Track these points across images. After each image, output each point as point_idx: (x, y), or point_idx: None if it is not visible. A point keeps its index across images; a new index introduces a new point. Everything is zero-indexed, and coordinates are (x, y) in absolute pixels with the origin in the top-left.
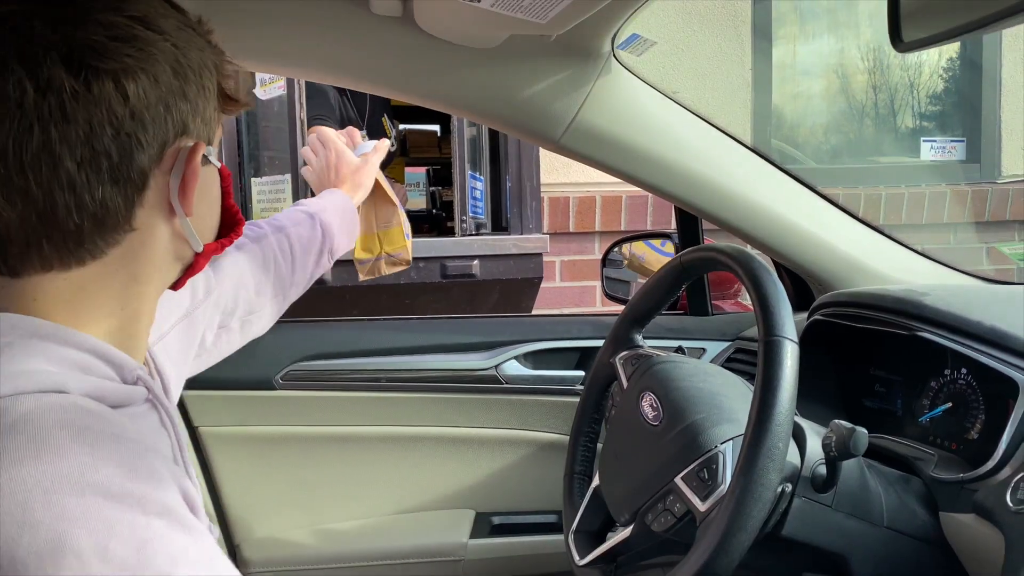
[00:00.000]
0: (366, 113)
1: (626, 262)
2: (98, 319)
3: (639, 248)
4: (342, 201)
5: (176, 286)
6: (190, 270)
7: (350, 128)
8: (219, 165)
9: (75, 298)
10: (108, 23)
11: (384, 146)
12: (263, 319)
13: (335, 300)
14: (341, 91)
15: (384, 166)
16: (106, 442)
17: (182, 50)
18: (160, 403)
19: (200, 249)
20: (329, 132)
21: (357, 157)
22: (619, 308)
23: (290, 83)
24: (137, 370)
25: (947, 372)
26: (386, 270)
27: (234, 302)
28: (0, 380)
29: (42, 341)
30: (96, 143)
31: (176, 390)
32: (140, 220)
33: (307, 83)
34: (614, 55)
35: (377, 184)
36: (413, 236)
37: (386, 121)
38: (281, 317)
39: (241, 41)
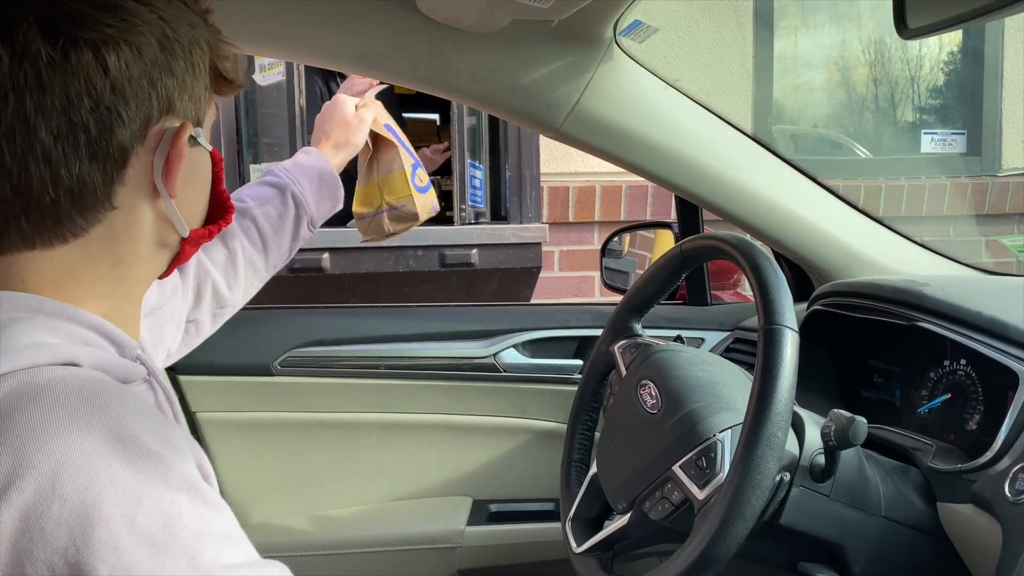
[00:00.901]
0: None
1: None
2: (88, 300)
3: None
4: (318, 163)
5: (164, 275)
6: (178, 258)
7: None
8: (210, 148)
9: (63, 279)
10: None
11: (373, 103)
12: (236, 308)
13: (334, 287)
14: (332, 75)
15: None
16: (129, 413)
17: (170, 24)
18: (158, 382)
19: (186, 234)
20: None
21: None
22: (618, 298)
23: (289, 69)
24: (136, 349)
25: (946, 363)
26: (390, 227)
27: (199, 297)
28: (15, 352)
29: (47, 317)
30: (73, 115)
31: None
32: (121, 199)
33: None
34: (616, 42)
35: (375, 132)
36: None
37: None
38: (279, 304)
39: (240, 25)
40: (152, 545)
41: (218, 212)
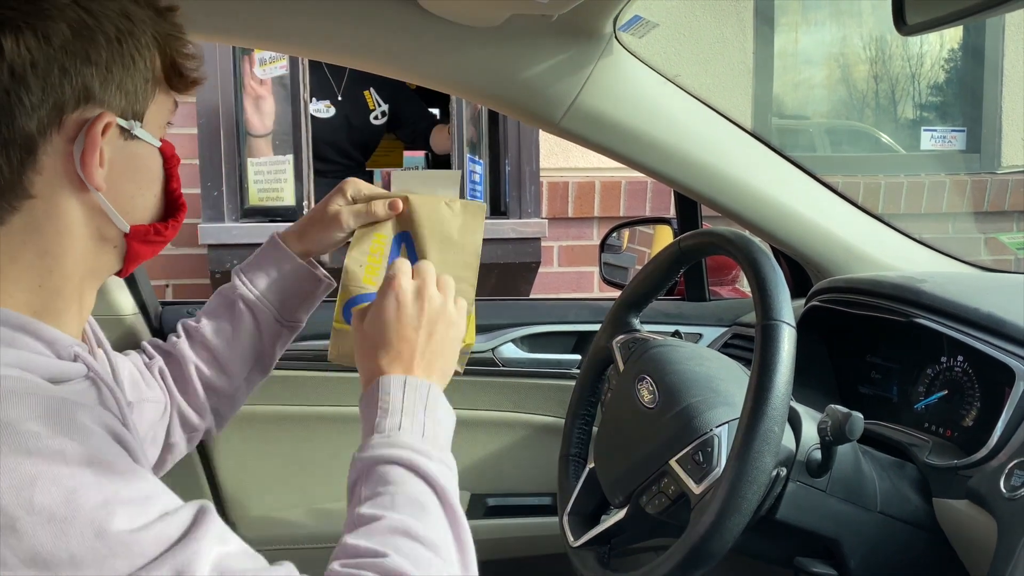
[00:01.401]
0: (343, 81)
1: None
2: (12, 293)
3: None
4: (274, 254)
5: (122, 273)
6: (130, 256)
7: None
8: (157, 143)
9: None
10: None
11: (378, 208)
12: (213, 428)
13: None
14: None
15: (376, 144)
16: (21, 400)
17: (91, 11)
18: (102, 380)
19: (125, 229)
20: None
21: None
22: (617, 294)
23: (293, 63)
24: (74, 347)
25: (943, 359)
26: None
27: (170, 421)
28: None
29: None
30: None
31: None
32: (40, 188)
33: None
34: (616, 37)
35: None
36: None
37: (369, 95)
38: None
39: (241, 20)
40: (54, 522)
41: (172, 210)
